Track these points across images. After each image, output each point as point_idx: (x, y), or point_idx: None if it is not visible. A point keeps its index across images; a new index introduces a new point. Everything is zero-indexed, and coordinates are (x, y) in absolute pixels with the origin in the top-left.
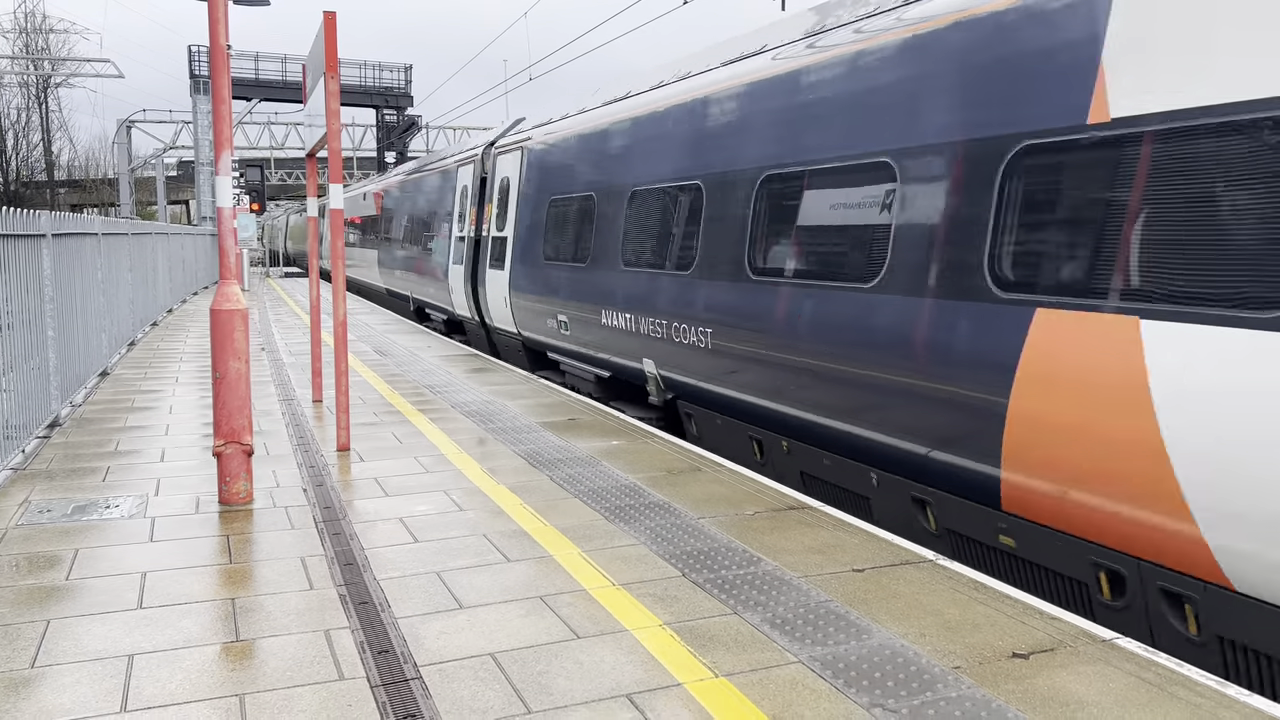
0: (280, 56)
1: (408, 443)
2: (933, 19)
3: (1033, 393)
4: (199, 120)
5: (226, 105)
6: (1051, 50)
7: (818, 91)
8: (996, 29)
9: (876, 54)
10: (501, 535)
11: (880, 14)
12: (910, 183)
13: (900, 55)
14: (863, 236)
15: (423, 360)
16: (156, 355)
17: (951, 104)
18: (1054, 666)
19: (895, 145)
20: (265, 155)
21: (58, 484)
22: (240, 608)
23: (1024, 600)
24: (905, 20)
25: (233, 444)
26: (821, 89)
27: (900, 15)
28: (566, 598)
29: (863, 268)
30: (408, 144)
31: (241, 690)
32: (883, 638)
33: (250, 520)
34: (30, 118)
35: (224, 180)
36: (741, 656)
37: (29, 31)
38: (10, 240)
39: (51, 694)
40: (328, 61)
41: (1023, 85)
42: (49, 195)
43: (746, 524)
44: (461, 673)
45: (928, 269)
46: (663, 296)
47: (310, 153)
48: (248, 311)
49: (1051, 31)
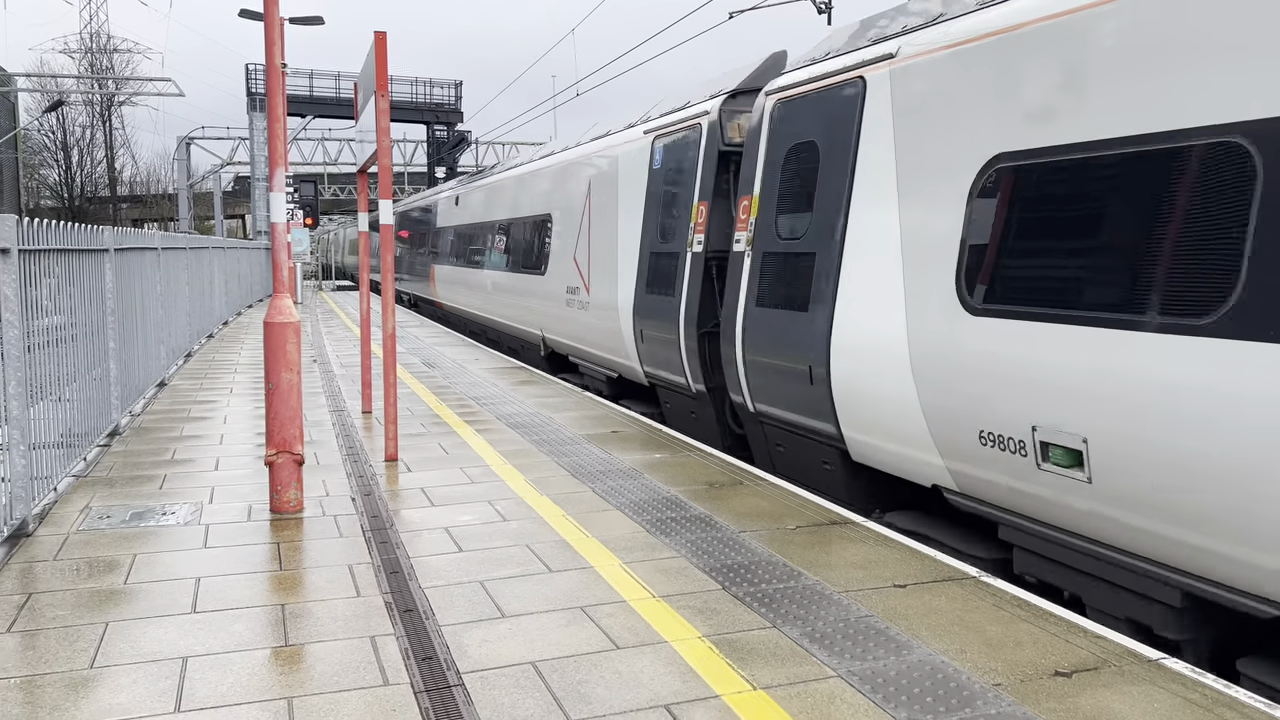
0: (334, 74)
1: (454, 454)
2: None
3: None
4: (255, 137)
5: (281, 123)
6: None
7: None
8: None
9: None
10: (544, 546)
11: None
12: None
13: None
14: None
15: (470, 372)
16: (212, 367)
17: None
18: (1097, 686)
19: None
20: (319, 171)
21: (117, 491)
22: (290, 613)
23: (1069, 618)
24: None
25: (284, 453)
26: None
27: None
28: (607, 608)
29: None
30: (458, 159)
31: (290, 693)
32: (922, 654)
33: (300, 528)
34: (95, 135)
35: (278, 196)
36: (780, 670)
37: (94, 51)
38: (76, 255)
39: (109, 693)
40: (378, 80)
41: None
42: (112, 210)
43: (788, 538)
44: (503, 680)
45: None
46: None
47: (361, 169)
48: (300, 324)
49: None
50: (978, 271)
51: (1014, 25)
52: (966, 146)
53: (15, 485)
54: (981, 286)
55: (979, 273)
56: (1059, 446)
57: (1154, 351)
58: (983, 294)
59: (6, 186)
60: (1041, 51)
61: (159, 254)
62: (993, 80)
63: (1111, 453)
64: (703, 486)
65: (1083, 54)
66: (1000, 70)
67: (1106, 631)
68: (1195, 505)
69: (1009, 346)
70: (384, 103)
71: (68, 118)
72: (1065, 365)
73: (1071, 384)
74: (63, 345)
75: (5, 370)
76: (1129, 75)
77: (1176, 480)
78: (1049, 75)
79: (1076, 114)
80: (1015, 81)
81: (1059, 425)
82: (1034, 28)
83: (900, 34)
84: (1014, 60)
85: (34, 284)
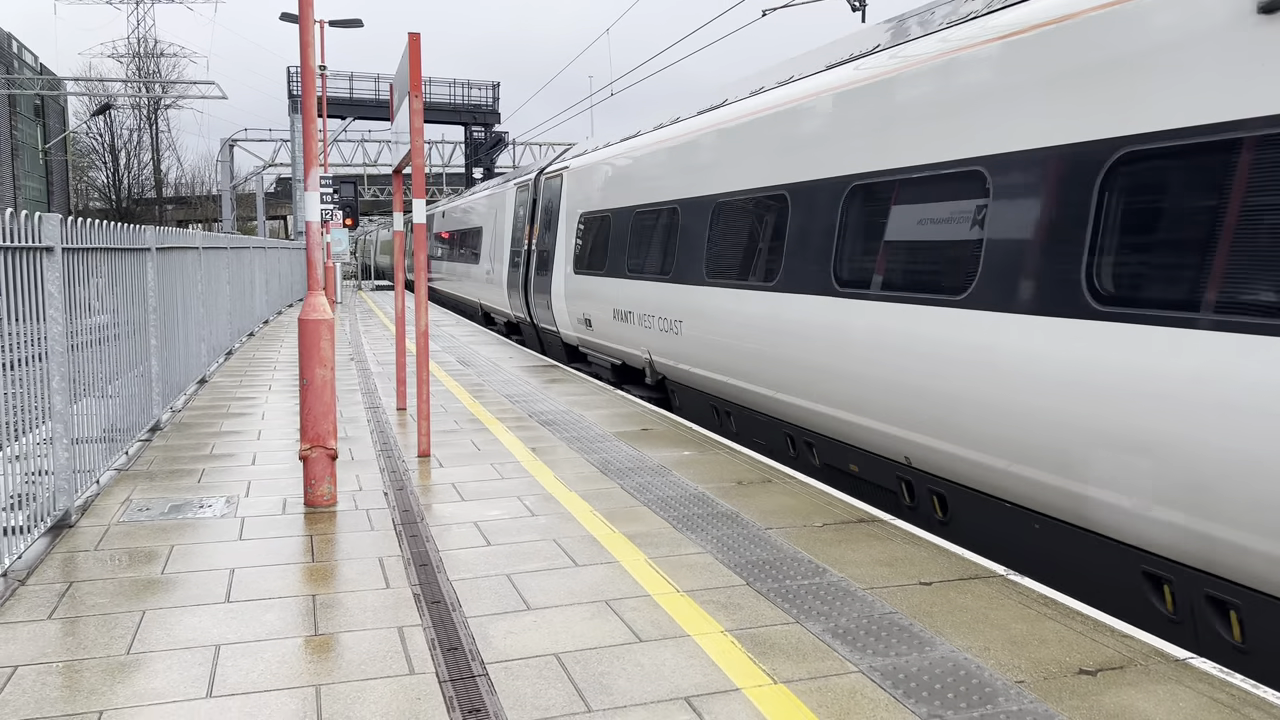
0: (373, 76)
1: (485, 450)
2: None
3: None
4: (296, 139)
5: (314, 124)
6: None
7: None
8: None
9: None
10: (571, 541)
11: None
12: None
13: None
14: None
15: (504, 370)
16: (252, 364)
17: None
18: (1123, 684)
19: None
20: (359, 172)
21: (157, 484)
22: (320, 604)
23: (1095, 617)
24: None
25: (318, 448)
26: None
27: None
28: (631, 602)
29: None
30: (494, 160)
31: (318, 681)
32: (945, 650)
33: (333, 521)
34: (141, 138)
35: (312, 195)
36: (801, 664)
37: (141, 56)
38: (119, 254)
39: (145, 679)
40: (411, 81)
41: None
42: (157, 211)
43: (814, 535)
44: (526, 671)
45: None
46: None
47: (397, 169)
48: (334, 321)
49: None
50: (582, 259)
51: (606, 159)
52: (585, 203)
53: (58, 477)
54: (582, 264)
55: (582, 259)
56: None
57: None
58: (583, 266)
59: (56, 188)
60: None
61: (200, 253)
62: (596, 180)
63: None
64: (731, 484)
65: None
66: (590, 174)
67: (1134, 630)
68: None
69: (588, 286)
70: (417, 103)
71: (115, 121)
72: (601, 292)
73: (614, 297)
74: (106, 343)
75: (49, 366)
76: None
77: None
78: (626, 176)
79: (603, 200)
80: (591, 179)
81: (629, 309)
82: (584, 162)
83: (573, 157)
84: (601, 169)
85: (81, 282)
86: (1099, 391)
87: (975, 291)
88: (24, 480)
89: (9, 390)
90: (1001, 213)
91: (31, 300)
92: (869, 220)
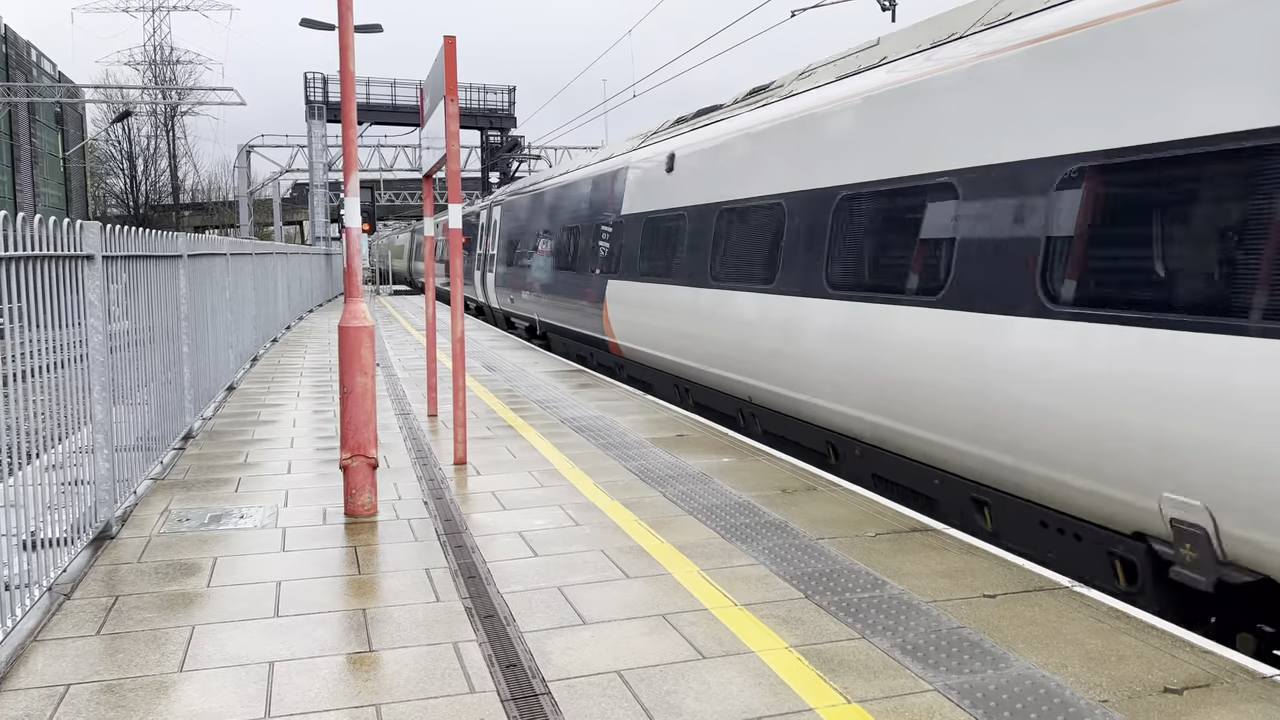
0: (389, 81)
1: (521, 457)
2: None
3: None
4: (313, 144)
5: (354, 129)
6: None
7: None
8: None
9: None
10: (619, 551)
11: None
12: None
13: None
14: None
15: (530, 375)
16: (278, 370)
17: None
18: (1211, 704)
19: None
20: (375, 177)
21: (194, 494)
22: (371, 618)
23: (1172, 632)
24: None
25: (359, 457)
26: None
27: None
28: (689, 616)
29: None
30: (510, 165)
31: (377, 700)
32: (1021, 667)
33: (375, 532)
34: (158, 144)
35: (353, 201)
36: (874, 683)
37: (158, 63)
38: (154, 261)
39: (200, 697)
40: (447, 85)
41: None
42: (174, 218)
43: (868, 545)
44: (590, 689)
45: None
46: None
47: (427, 174)
48: (374, 328)
49: None
50: (505, 259)
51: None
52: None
53: (99, 488)
54: (501, 260)
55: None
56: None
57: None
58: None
59: (75, 195)
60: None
61: (228, 259)
62: (519, 209)
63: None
64: (775, 492)
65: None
66: (516, 207)
67: (1215, 646)
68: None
69: (504, 275)
70: (453, 108)
71: (133, 128)
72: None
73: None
74: (139, 349)
75: (90, 374)
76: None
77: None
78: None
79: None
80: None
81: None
82: (515, 199)
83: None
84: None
85: (126, 291)
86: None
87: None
88: (60, 490)
89: (50, 397)
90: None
91: (68, 307)
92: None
